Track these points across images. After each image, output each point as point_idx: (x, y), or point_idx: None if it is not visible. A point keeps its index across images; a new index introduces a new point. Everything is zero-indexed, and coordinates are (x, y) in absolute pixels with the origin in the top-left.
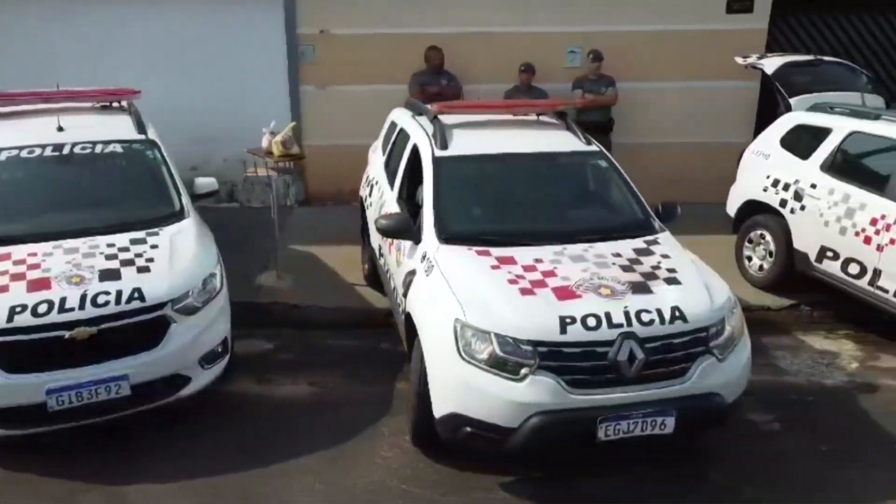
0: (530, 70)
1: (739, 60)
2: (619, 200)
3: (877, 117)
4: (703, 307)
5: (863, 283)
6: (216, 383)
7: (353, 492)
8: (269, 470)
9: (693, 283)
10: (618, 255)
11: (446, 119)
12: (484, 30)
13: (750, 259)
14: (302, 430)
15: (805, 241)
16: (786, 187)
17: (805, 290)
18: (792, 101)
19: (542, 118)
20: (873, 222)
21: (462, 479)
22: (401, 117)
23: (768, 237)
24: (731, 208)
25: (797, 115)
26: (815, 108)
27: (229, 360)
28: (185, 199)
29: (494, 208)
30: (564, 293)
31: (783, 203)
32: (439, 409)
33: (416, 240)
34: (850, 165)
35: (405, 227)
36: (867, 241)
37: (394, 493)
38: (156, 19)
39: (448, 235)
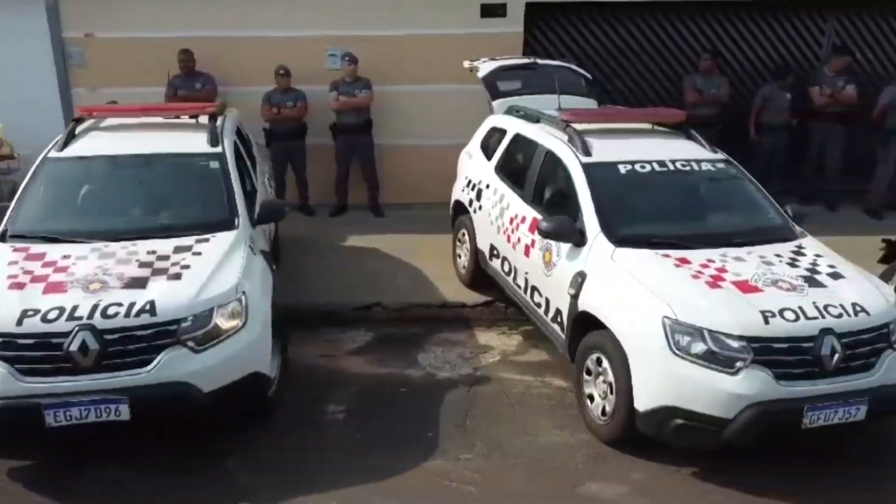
0: (287, 73)
1: (466, 64)
2: (214, 200)
3: (537, 120)
4: (182, 300)
5: (511, 279)
6: None
7: None
8: None
9: (196, 278)
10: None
11: (114, 121)
12: (244, 34)
13: (460, 257)
14: None
15: (482, 239)
16: (473, 187)
17: None
18: (494, 104)
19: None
20: (511, 221)
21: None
22: None
23: (466, 236)
24: (450, 207)
25: (493, 119)
26: (508, 111)
27: None
28: None
29: (70, 207)
30: (54, 288)
31: (470, 202)
32: None
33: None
34: (508, 167)
35: None
36: (508, 238)
37: None
38: None
39: (12, 233)
